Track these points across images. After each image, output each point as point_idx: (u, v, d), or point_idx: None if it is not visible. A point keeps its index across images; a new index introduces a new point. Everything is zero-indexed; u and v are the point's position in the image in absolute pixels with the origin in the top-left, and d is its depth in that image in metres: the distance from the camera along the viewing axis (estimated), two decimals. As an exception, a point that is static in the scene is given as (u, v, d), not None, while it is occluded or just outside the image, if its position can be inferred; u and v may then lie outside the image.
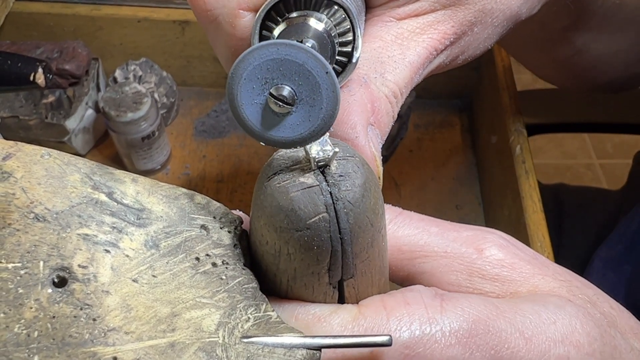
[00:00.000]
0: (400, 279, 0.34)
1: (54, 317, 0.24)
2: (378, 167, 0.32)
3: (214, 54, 0.91)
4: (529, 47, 0.66)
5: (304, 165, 0.28)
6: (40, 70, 0.74)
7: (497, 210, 0.79)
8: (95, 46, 0.88)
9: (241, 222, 0.30)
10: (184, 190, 0.30)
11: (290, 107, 0.26)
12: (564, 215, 0.91)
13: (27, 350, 0.24)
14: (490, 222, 0.83)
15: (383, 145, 0.35)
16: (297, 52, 0.25)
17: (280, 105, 0.26)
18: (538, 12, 0.44)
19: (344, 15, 0.32)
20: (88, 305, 0.25)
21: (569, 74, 0.70)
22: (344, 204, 0.27)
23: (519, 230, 0.70)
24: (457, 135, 0.93)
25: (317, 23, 0.32)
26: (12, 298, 0.24)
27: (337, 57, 0.33)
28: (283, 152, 0.29)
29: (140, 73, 0.87)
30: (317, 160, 0.27)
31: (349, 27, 0.32)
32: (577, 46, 0.62)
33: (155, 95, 0.86)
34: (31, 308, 0.24)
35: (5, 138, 0.32)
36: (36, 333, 0.24)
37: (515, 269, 0.33)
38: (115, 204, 0.28)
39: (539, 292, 0.32)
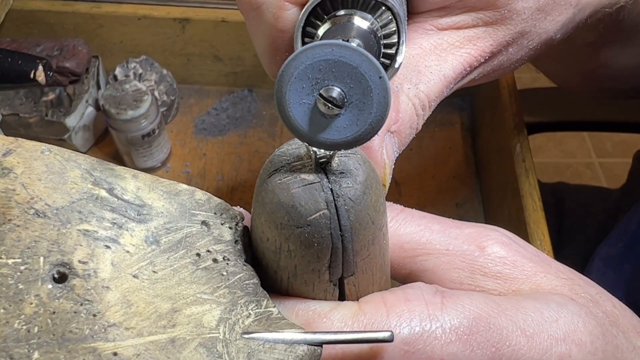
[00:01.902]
0: (402, 277, 0.34)
1: (54, 312, 0.24)
2: (385, 175, 0.32)
3: (214, 51, 0.91)
4: (552, 61, 0.66)
5: (305, 162, 0.28)
6: (40, 67, 0.74)
7: (497, 209, 0.79)
8: (95, 44, 0.88)
9: (242, 218, 0.30)
10: (185, 186, 0.30)
11: (339, 109, 0.26)
12: (563, 214, 0.91)
13: (27, 346, 0.24)
14: (490, 220, 0.83)
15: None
16: (351, 55, 0.25)
17: (329, 107, 0.26)
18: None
19: (390, 17, 0.32)
20: (88, 300, 0.25)
21: (591, 85, 0.70)
22: (344, 201, 0.27)
23: (519, 229, 0.69)
24: (457, 134, 0.93)
25: (361, 21, 0.31)
26: (12, 294, 0.24)
27: (380, 59, 0.33)
28: (285, 149, 0.29)
29: (140, 71, 0.87)
30: (318, 156, 0.27)
31: (394, 29, 0.32)
32: (601, 60, 0.62)
33: (156, 93, 0.86)
34: (31, 304, 0.24)
35: (6, 135, 0.31)
36: (36, 329, 0.24)
37: (518, 266, 0.32)
38: (116, 199, 0.28)
39: (541, 290, 0.32)
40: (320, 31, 0.32)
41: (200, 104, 0.93)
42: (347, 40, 0.30)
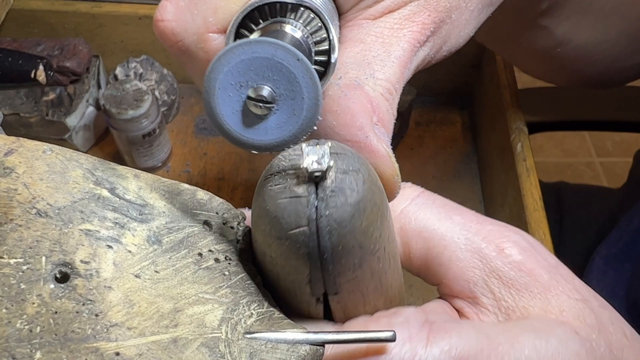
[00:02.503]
0: (417, 269, 0.33)
1: (56, 312, 0.24)
2: (393, 164, 0.31)
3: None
4: (510, 40, 0.66)
5: (299, 173, 0.26)
6: (41, 67, 0.74)
7: (498, 208, 0.79)
8: (96, 43, 0.88)
9: (244, 218, 0.30)
10: (187, 186, 0.30)
11: (271, 105, 0.25)
12: (564, 214, 0.90)
13: (30, 346, 0.24)
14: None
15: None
16: (263, 47, 0.24)
17: (261, 107, 0.25)
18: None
19: (313, 16, 0.31)
20: (90, 300, 0.25)
21: (552, 67, 0.70)
22: (328, 221, 0.25)
23: (519, 228, 0.69)
24: (458, 133, 0.93)
25: (292, 30, 0.30)
26: (14, 294, 0.24)
27: (316, 58, 0.32)
28: (287, 153, 0.27)
29: (141, 70, 0.87)
30: (310, 171, 0.25)
31: (320, 25, 0.31)
32: (557, 36, 0.62)
33: (156, 93, 0.86)
34: (33, 304, 0.24)
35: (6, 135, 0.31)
36: (38, 328, 0.24)
37: (533, 275, 0.32)
38: (118, 199, 0.28)
39: (548, 313, 0.31)
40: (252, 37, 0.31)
41: (200, 104, 0.93)
42: None
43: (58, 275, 0.25)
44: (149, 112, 0.79)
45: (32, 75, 0.74)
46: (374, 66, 0.32)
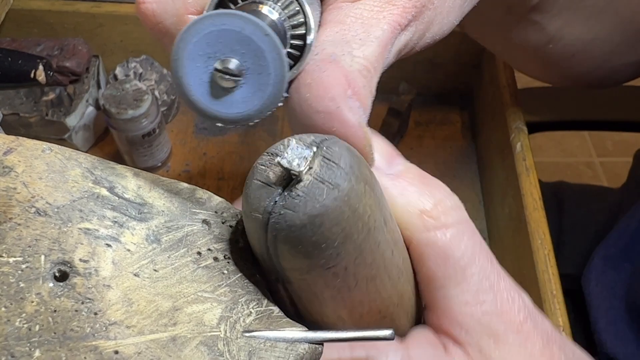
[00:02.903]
0: (414, 270, 0.33)
1: (55, 311, 0.24)
2: (365, 134, 0.30)
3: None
4: (501, 36, 0.66)
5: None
6: (40, 67, 0.74)
7: (497, 208, 0.79)
8: (95, 43, 0.88)
9: (243, 216, 0.30)
10: (186, 185, 0.30)
11: (238, 79, 0.25)
12: (563, 214, 0.90)
13: (29, 344, 0.24)
14: (490, 219, 0.83)
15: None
16: (232, 20, 0.24)
17: (227, 79, 0.25)
18: None
19: (291, 0, 0.31)
20: (89, 299, 0.25)
21: (544, 64, 0.69)
22: (277, 220, 0.25)
23: (519, 228, 0.70)
24: (457, 133, 0.93)
25: (269, 11, 0.30)
26: (14, 292, 0.24)
27: (293, 42, 0.31)
28: (291, 138, 0.27)
29: (140, 70, 0.87)
30: (284, 167, 0.25)
31: (298, 9, 0.31)
32: (549, 32, 0.62)
33: (156, 93, 0.86)
34: (32, 302, 0.24)
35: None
36: (37, 327, 0.24)
37: (526, 340, 0.32)
38: (117, 198, 0.28)
39: None
40: None
41: (200, 104, 0.93)
42: None
43: (57, 274, 0.25)
44: (148, 112, 0.79)
45: (32, 75, 0.74)
46: (352, 44, 0.32)
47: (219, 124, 0.26)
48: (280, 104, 0.26)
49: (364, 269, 0.27)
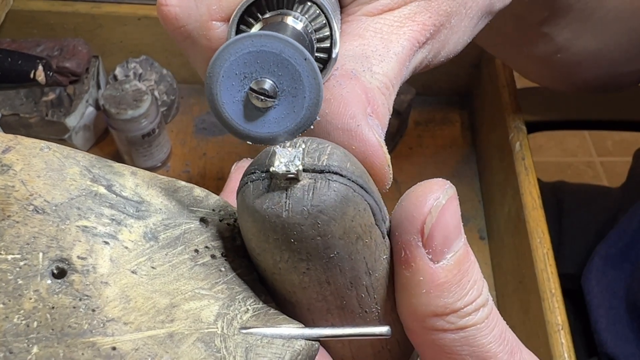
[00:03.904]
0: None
1: (53, 307, 0.24)
2: (384, 154, 0.30)
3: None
4: (510, 46, 0.66)
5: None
6: (40, 67, 0.74)
7: (496, 207, 0.79)
8: (95, 44, 0.89)
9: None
10: (183, 183, 0.30)
11: (272, 100, 0.25)
12: (564, 213, 0.90)
13: (27, 341, 0.24)
14: (490, 218, 0.83)
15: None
16: (272, 42, 0.25)
17: (262, 100, 0.25)
18: (512, 5, 0.44)
19: (318, 11, 0.31)
20: (87, 296, 0.25)
21: (552, 73, 0.70)
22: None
23: (518, 227, 0.70)
24: (457, 132, 0.93)
25: (294, 22, 0.30)
26: (12, 289, 0.25)
27: (316, 54, 0.32)
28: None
29: (140, 71, 0.87)
30: (278, 167, 0.25)
31: (324, 22, 0.31)
32: (558, 43, 0.62)
33: (156, 93, 0.86)
34: (30, 299, 0.25)
35: (5, 134, 0.32)
36: (35, 323, 0.24)
37: None
38: (114, 196, 0.28)
39: None
40: (254, 29, 0.31)
41: (200, 104, 0.93)
42: None
43: (55, 271, 0.25)
44: (148, 112, 0.79)
45: (32, 75, 0.74)
46: (372, 60, 0.32)
47: (249, 142, 0.27)
48: (312, 127, 0.27)
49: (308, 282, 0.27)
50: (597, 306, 0.75)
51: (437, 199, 0.26)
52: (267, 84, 0.25)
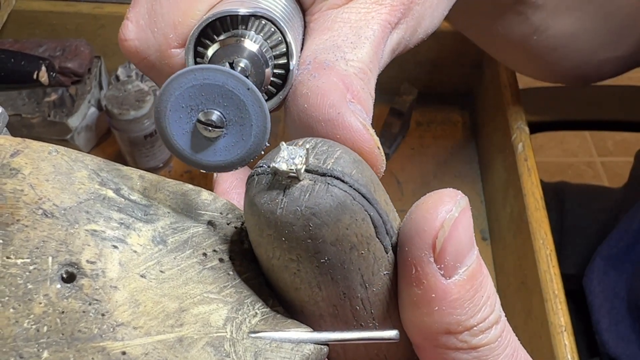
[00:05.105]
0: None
1: (63, 312, 0.25)
2: (372, 137, 0.29)
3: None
4: (486, 28, 0.66)
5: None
6: (43, 68, 0.74)
7: (499, 208, 0.80)
8: (97, 44, 0.89)
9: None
10: (191, 186, 0.30)
11: (220, 129, 0.26)
12: (565, 214, 0.91)
13: (37, 345, 0.24)
14: (492, 219, 0.83)
15: (384, 142, 0.33)
16: (214, 75, 0.25)
17: (210, 130, 0.26)
18: None
19: (273, 28, 0.31)
20: (97, 300, 0.25)
21: (529, 57, 0.69)
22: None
23: (521, 228, 0.70)
24: (459, 133, 0.93)
25: (250, 43, 0.30)
26: (22, 293, 0.25)
27: (275, 71, 0.32)
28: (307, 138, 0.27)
29: (142, 71, 0.87)
30: (280, 164, 0.25)
31: (281, 38, 0.31)
32: (534, 23, 0.62)
33: (158, 94, 0.86)
34: (40, 303, 0.25)
35: (10, 136, 0.32)
36: (45, 328, 0.24)
37: None
38: (123, 200, 0.28)
39: None
40: (210, 51, 0.31)
41: (202, 104, 0.93)
42: (233, 62, 0.30)
43: (64, 275, 0.25)
44: (150, 113, 0.79)
45: (35, 76, 0.74)
46: (344, 49, 0.32)
47: (203, 170, 0.28)
48: (263, 152, 0.27)
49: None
50: (598, 307, 0.75)
51: (449, 212, 0.25)
52: (214, 115, 0.26)
